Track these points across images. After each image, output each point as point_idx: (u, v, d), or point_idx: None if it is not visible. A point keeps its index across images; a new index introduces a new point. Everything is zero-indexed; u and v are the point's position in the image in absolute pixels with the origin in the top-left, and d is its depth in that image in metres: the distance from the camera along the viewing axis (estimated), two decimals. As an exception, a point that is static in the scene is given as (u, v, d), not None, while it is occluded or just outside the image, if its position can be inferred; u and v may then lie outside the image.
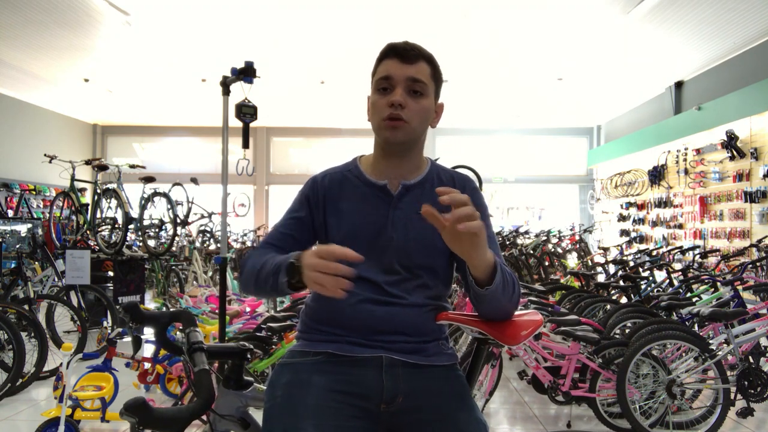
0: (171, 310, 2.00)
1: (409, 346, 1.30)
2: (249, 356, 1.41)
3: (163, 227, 6.13)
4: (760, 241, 6.77)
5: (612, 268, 7.57)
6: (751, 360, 3.37)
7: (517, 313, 1.30)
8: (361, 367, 1.27)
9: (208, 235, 9.76)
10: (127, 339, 4.05)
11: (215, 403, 1.32)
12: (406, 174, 1.38)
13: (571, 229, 10.57)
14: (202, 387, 1.06)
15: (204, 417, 1.26)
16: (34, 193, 11.72)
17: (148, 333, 4.45)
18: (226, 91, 3.54)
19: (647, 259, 6.72)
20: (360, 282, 1.29)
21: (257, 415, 1.36)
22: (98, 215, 6.23)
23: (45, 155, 6.57)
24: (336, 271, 1.07)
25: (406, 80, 1.30)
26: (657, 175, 10.56)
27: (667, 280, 5.32)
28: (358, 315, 1.29)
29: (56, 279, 5.19)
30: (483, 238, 1.11)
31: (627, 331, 3.66)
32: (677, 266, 6.11)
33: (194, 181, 7.39)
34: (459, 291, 4.85)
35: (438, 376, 1.31)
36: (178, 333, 3.31)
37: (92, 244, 6.48)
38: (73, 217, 6.92)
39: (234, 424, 1.34)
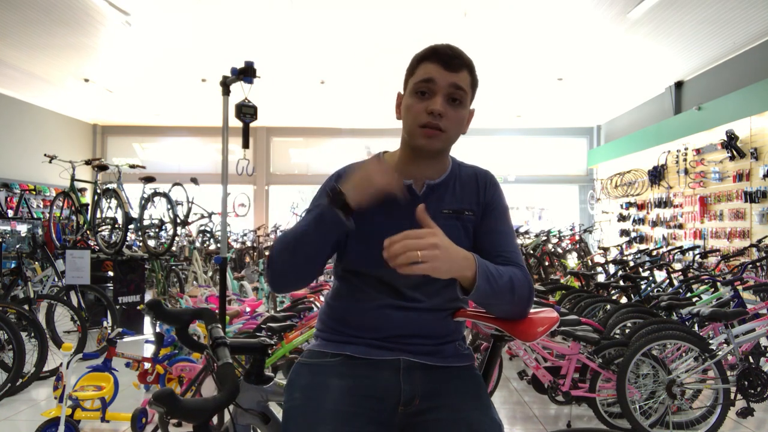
0: (192, 307, 2.01)
1: (427, 348, 1.30)
2: (270, 351, 1.42)
3: (163, 227, 6.13)
4: (760, 241, 6.77)
5: (612, 268, 7.57)
6: (751, 360, 3.37)
7: (533, 310, 1.30)
8: (378, 370, 1.27)
9: (208, 235, 9.75)
10: (128, 339, 4.05)
11: (237, 396, 1.33)
12: (432, 174, 1.37)
13: (571, 229, 10.57)
14: (227, 380, 1.07)
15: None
16: (34, 193, 11.72)
17: (148, 333, 4.45)
18: (226, 91, 3.54)
19: (647, 259, 6.72)
20: (379, 286, 1.29)
21: (277, 410, 1.37)
22: (98, 215, 6.22)
23: (45, 155, 6.57)
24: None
25: (449, 87, 1.26)
26: (657, 175, 10.57)
27: (667, 280, 5.32)
28: (376, 320, 1.29)
29: (56, 279, 5.19)
30: (431, 266, 1.08)
31: (627, 331, 3.66)
32: (677, 266, 6.11)
33: (194, 181, 7.38)
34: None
35: (454, 376, 1.31)
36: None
37: (92, 244, 6.48)
38: (73, 217, 6.92)
39: (255, 418, 1.37)
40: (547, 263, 8.45)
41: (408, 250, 1.06)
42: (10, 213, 9.48)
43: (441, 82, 1.26)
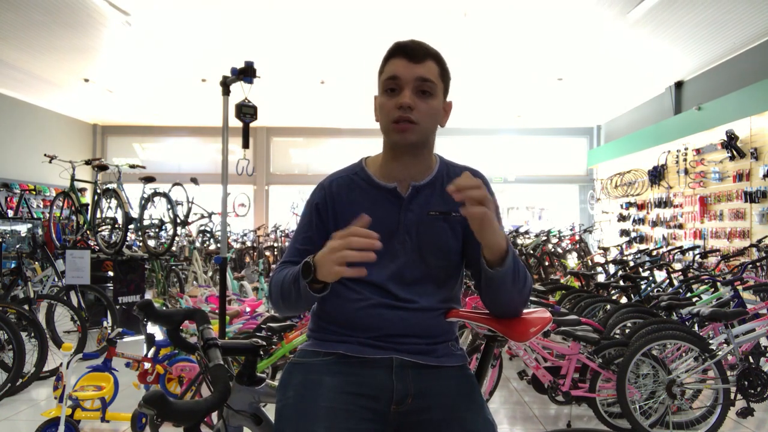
0: (184, 308, 2.01)
1: (420, 348, 1.30)
2: (261, 353, 1.43)
3: (163, 227, 6.13)
4: (760, 241, 6.77)
5: (612, 268, 7.58)
6: (751, 360, 3.37)
7: (526, 311, 1.31)
8: (371, 368, 1.27)
9: (208, 235, 9.76)
10: (127, 339, 4.05)
11: (229, 398, 1.33)
12: (417, 175, 1.35)
13: (571, 229, 10.58)
14: (218, 381, 1.07)
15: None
16: (34, 193, 11.72)
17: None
18: (226, 91, 3.55)
19: (647, 259, 6.73)
20: (371, 287, 1.29)
21: (269, 412, 1.37)
22: (98, 215, 6.22)
23: (45, 155, 6.57)
24: (359, 244, 1.09)
25: (415, 80, 1.27)
26: (657, 175, 10.57)
27: (667, 280, 5.32)
28: (369, 319, 1.29)
29: (56, 279, 5.19)
30: (488, 221, 1.13)
31: (627, 331, 3.66)
32: (677, 266, 6.11)
33: (194, 181, 7.38)
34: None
35: (447, 376, 1.31)
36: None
37: (92, 244, 6.48)
38: (73, 217, 6.93)
39: (247, 419, 1.36)
40: (547, 263, 8.45)
41: (478, 188, 1.10)
42: (10, 213, 9.48)
43: (407, 76, 1.27)
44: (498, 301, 1.28)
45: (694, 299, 4.35)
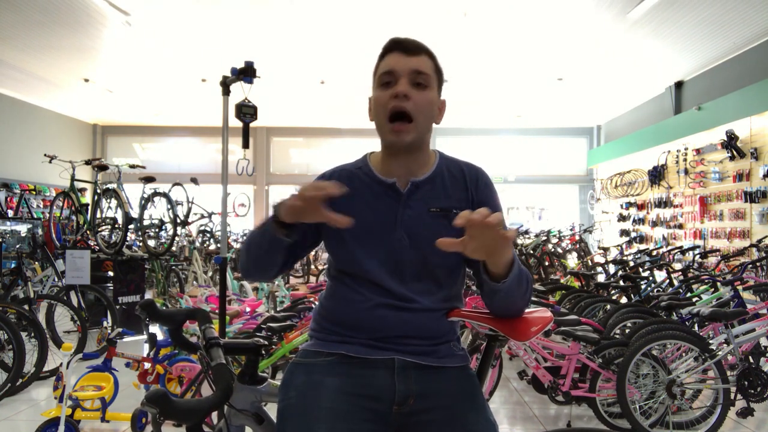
0: (185, 308, 2.01)
1: (421, 348, 1.30)
2: (263, 352, 1.43)
3: (163, 227, 6.13)
4: (760, 241, 6.77)
5: (612, 268, 7.58)
6: (751, 360, 3.37)
7: (527, 310, 1.31)
8: (373, 369, 1.27)
9: (208, 235, 9.76)
10: (128, 339, 4.06)
11: (231, 397, 1.33)
12: (415, 170, 1.35)
13: (571, 229, 10.58)
14: (220, 380, 1.08)
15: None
16: (34, 193, 11.72)
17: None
18: (226, 91, 3.55)
19: (647, 259, 6.73)
20: (373, 286, 1.29)
21: (271, 411, 1.37)
22: (98, 215, 6.23)
23: (45, 155, 6.57)
24: (318, 187, 1.13)
25: (410, 72, 1.28)
26: (657, 175, 10.57)
27: (667, 280, 5.32)
28: (371, 320, 1.28)
29: (56, 279, 5.19)
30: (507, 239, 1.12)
31: (627, 331, 3.66)
32: (677, 266, 6.11)
33: (194, 181, 7.39)
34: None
35: (449, 377, 1.31)
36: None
37: (92, 244, 6.48)
38: (73, 217, 6.92)
39: (249, 418, 1.36)
40: (547, 263, 8.46)
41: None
42: (10, 213, 9.48)
43: (403, 68, 1.29)
44: (501, 307, 1.28)
45: (694, 299, 4.35)
